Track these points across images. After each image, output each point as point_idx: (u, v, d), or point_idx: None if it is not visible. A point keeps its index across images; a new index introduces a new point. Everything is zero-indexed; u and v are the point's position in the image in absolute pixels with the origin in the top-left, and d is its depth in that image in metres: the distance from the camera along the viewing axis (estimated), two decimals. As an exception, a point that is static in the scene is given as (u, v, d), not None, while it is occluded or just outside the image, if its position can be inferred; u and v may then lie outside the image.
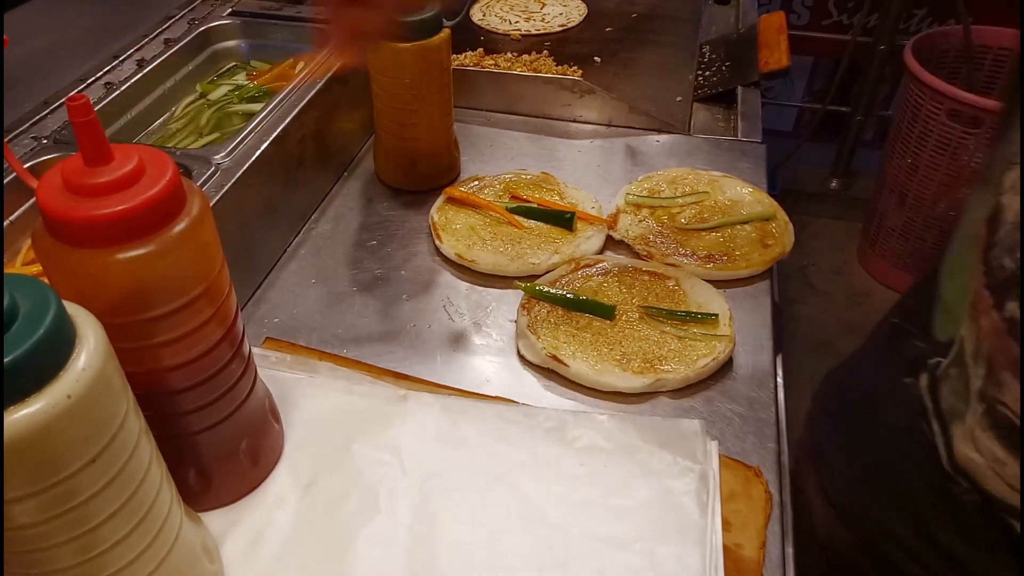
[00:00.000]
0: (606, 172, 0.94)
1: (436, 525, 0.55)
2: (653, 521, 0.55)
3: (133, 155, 0.42)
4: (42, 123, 0.79)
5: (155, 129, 0.91)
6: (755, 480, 0.59)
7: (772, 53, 1.03)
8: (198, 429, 0.51)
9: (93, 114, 0.39)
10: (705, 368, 0.66)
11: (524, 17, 1.22)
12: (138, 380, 0.42)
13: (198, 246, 0.45)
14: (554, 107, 1.03)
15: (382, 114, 0.86)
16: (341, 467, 0.59)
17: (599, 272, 0.76)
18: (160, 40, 0.95)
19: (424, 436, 0.61)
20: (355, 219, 0.87)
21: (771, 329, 0.73)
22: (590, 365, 0.67)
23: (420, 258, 0.82)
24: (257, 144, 0.76)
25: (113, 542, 0.41)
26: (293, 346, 0.71)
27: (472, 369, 0.69)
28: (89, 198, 0.40)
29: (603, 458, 0.59)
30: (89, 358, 0.36)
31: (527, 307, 0.72)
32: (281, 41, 1.01)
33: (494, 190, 0.87)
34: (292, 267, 0.81)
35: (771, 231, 0.81)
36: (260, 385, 0.57)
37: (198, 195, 0.45)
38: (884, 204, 2.02)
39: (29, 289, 0.36)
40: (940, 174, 1.82)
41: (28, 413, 0.34)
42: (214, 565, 0.51)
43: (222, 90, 0.96)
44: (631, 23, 1.22)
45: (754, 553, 0.54)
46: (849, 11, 2.19)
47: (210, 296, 0.46)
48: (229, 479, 0.56)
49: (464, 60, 1.07)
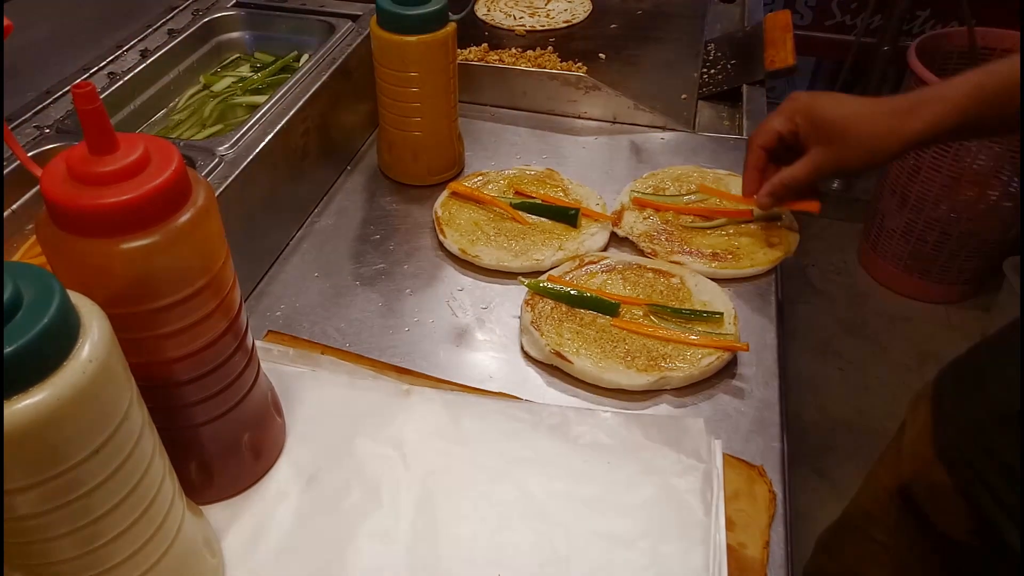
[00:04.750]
0: (610, 169, 0.93)
1: (438, 520, 0.55)
2: (656, 519, 0.55)
3: (138, 144, 0.41)
4: (44, 112, 0.79)
5: (158, 120, 0.90)
6: (759, 479, 0.59)
7: (778, 52, 1.03)
8: (201, 422, 0.50)
9: (99, 102, 0.39)
10: (709, 367, 0.66)
11: (529, 12, 1.22)
12: (141, 372, 0.42)
13: (203, 237, 0.44)
14: (558, 103, 1.02)
15: (386, 108, 0.85)
16: (343, 461, 0.58)
17: (603, 269, 0.76)
18: (164, 31, 0.94)
19: (426, 431, 0.61)
20: (358, 213, 0.87)
21: (775, 328, 0.73)
22: (594, 362, 0.66)
23: (423, 253, 0.81)
24: (261, 136, 0.75)
25: (115, 534, 0.40)
26: (296, 340, 0.70)
27: (475, 365, 0.69)
28: (94, 187, 0.40)
29: (606, 455, 0.59)
30: (93, 349, 0.36)
31: (531, 303, 0.72)
32: (285, 33, 1.00)
33: (498, 186, 0.87)
34: (295, 260, 0.80)
35: (776, 230, 0.81)
36: (263, 378, 0.56)
37: (203, 186, 0.45)
38: (885, 205, 2.02)
39: (33, 278, 0.36)
40: (942, 176, 1.82)
41: (31, 403, 0.34)
42: (215, 558, 0.51)
43: (226, 81, 0.95)
44: (636, 20, 1.22)
45: (758, 552, 0.54)
46: (852, 12, 2.18)
47: (214, 288, 0.46)
48: (231, 472, 0.55)
49: (468, 55, 1.07)
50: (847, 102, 0.71)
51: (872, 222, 2.11)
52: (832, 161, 0.71)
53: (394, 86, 0.82)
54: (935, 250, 1.95)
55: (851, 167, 0.71)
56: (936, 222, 1.90)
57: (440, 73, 0.82)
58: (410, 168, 0.89)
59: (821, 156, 0.71)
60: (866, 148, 0.69)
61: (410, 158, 0.88)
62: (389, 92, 0.83)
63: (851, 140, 0.69)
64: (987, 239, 1.89)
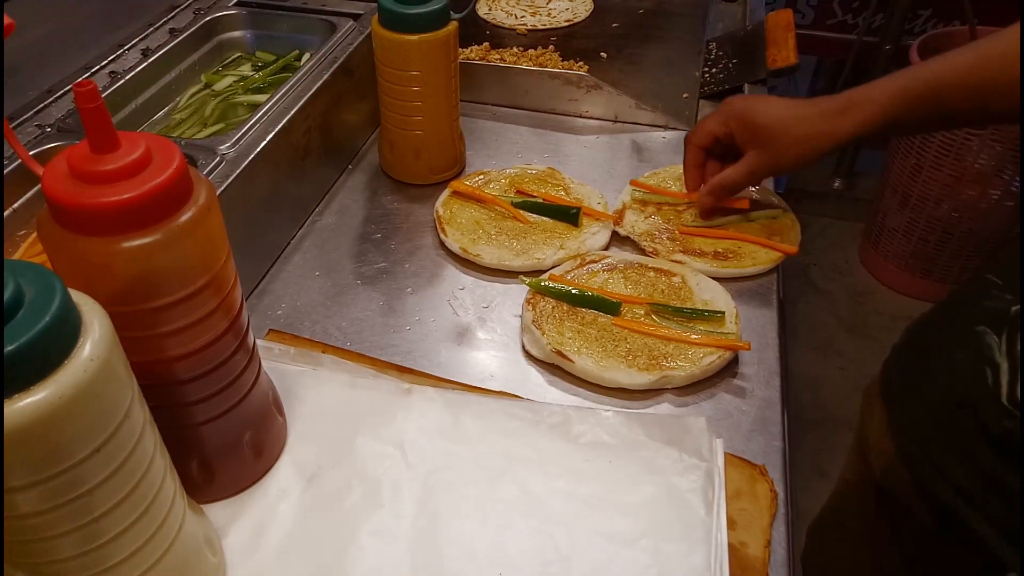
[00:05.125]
0: (612, 168, 0.93)
1: (439, 519, 0.55)
2: (658, 518, 0.55)
3: (140, 143, 0.41)
4: (46, 111, 0.79)
5: (159, 119, 0.90)
6: (760, 479, 0.58)
7: (780, 51, 1.02)
8: (202, 420, 0.50)
9: (101, 100, 0.39)
10: (711, 366, 0.66)
11: (530, 12, 1.22)
12: (143, 370, 0.42)
13: (204, 236, 0.44)
14: (560, 102, 1.02)
15: (388, 106, 0.85)
16: (344, 460, 0.58)
17: (604, 268, 0.75)
18: (165, 30, 0.94)
19: (428, 430, 0.61)
20: (360, 212, 0.87)
21: (777, 327, 0.73)
22: (595, 361, 0.66)
23: (424, 252, 0.81)
24: (263, 135, 0.75)
25: (116, 533, 0.40)
26: (297, 338, 0.70)
27: (476, 364, 0.69)
28: (95, 185, 0.40)
29: (608, 454, 0.59)
30: (95, 347, 0.36)
31: (532, 302, 0.71)
32: (286, 32, 1.00)
33: (499, 185, 0.87)
34: (296, 259, 0.80)
35: (778, 229, 0.81)
36: (264, 377, 0.56)
37: (205, 185, 0.45)
38: (887, 204, 2.02)
39: (34, 276, 0.36)
40: (943, 175, 1.81)
41: (32, 402, 0.34)
42: (216, 557, 0.51)
43: (227, 80, 0.95)
44: (637, 19, 1.22)
45: (759, 552, 0.54)
46: (854, 11, 2.18)
47: (215, 286, 0.46)
48: (232, 471, 0.55)
49: (470, 54, 1.07)
50: (779, 106, 0.74)
51: (873, 221, 2.11)
52: (767, 163, 0.75)
53: (395, 85, 0.82)
54: (937, 249, 1.95)
55: (785, 167, 0.74)
56: (938, 221, 1.90)
57: (441, 72, 0.82)
58: (411, 167, 0.89)
59: (756, 159, 0.75)
60: (799, 149, 0.72)
61: (411, 157, 0.88)
62: (390, 91, 0.83)
63: (784, 142, 0.73)
64: (989, 238, 1.88)
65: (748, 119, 0.75)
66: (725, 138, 0.77)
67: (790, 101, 0.74)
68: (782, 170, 0.75)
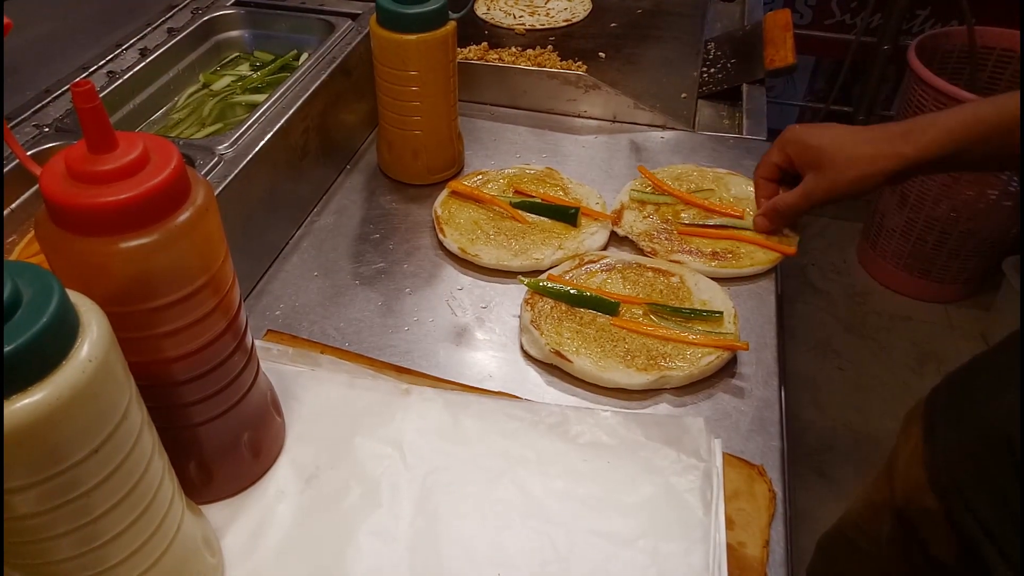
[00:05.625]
0: (610, 168, 0.93)
1: (438, 520, 0.55)
2: (656, 518, 0.55)
3: (138, 143, 0.41)
4: (44, 111, 0.79)
5: (157, 119, 0.90)
6: (759, 479, 0.59)
7: (778, 51, 1.02)
8: (200, 421, 0.50)
9: (98, 100, 0.39)
10: (709, 366, 0.66)
11: (528, 11, 1.22)
12: (141, 371, 0.42)
13: (202, 236, 0.44)
14: (558, 102, 1.02)
15: (386, 106, 0.85)
16: (343, 460, 0.58)
17: (603, 268, 0.75)
18: (163, 29, 0.94)
19: (426, 430, 0.61)
20: (358, 212, 0.87)
21: (775, 327, 0.73)
22: (594, 361, 0.66)
23: (423, 252, 0.81)
24: (260, 135, 0.75)
25: (114, 534, 0.40)
26: (295, 339, 0.70)
27: (475, 364, 0.69)
28: (93, 186, 0.39)
29: (606, 454, 0.59)
30: (92, 348, 0.36)
31: (530, 302, 0.71)
32: (284, 31, 1.00)
33: (498, 185, 0.87)
34: (294, 259, 0.80)
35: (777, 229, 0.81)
36: (262, 377, 0.56)
37: (203, 185, 0.45)
38: (885, 204, 2.02)
39: (32, 277, 0.36)
40: (942, 175, 1.82)
41: (30, 403, 0.34)
42: (215, 558, 0.51)
43: (225, 80, 0.95)
44: (636, 19, 1.22)
45: (757, 552, 0.54)
46: (852, 11, 2.18)
47: (213, 287, 0.46)
48: (230, 472, 0.55)
49: (468, 54, 1.07)
50: (836, 128, 0.73)
51: (872, 221, 2.11)
52: (823, 185, 0.72)
53: (394, 85, 0.82)
54: (935, 249, 1.95)
55: (842, 190, 0.72)
56: (936, 221, 1.90)
57: (440, 72, 0.82)
58: (410, 167, 0.89)
59: (812, 181, 0.73)
60: (856, 171, 0.70)
61: (410, 157, 0.88)
62: (389, 91, 0.83)
63: (840, 163, 0.71)
64: (987, 238, 1.89)
65: (803, 142, 0.74)
66: (786, 166, 0.76)
67: (848, 125, 0.73)
68: (840, 193, 0.72)
